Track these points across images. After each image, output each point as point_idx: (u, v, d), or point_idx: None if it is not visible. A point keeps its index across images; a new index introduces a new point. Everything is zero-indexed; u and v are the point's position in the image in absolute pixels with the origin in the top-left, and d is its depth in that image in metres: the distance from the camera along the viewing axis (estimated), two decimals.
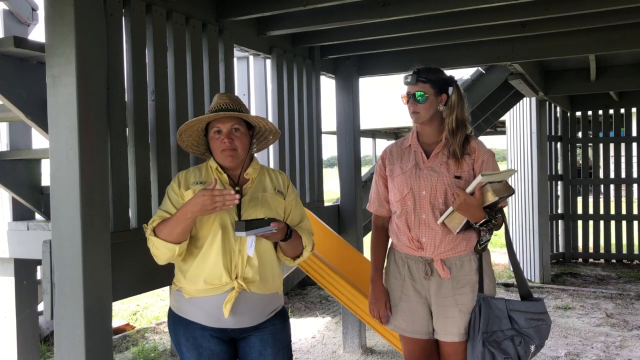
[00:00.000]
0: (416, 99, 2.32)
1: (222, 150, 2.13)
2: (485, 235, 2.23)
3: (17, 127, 2.96)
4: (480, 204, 2.16)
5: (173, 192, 2.16)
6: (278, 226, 2.03)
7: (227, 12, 3.18)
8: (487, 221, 2.19)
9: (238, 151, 2.15)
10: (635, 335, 4.89)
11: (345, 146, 4.60)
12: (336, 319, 5.54)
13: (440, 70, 2.40)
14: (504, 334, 2.21)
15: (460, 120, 2.32)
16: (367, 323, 3.12)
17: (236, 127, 2.15)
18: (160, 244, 2.04)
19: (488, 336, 2.20)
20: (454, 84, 2.36)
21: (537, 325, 2.25)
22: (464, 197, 2.15)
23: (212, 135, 2.17)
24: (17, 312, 3.01)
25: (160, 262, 2.13)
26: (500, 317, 2.22)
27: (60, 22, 2.14)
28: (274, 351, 2.19)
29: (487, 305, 2.23)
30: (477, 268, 2.29)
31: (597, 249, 8.33)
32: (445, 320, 2.29)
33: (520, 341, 2.21)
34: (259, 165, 2.28)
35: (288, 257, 2.25)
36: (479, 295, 2.26)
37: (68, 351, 2.18)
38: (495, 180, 2.17)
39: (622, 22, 3.52)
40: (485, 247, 2.29)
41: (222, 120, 2.15)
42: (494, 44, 4.29)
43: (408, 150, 2.44)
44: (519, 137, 7.63)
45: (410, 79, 2.35)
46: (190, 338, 2.13)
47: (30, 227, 2.82)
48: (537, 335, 2.25)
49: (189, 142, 2.26)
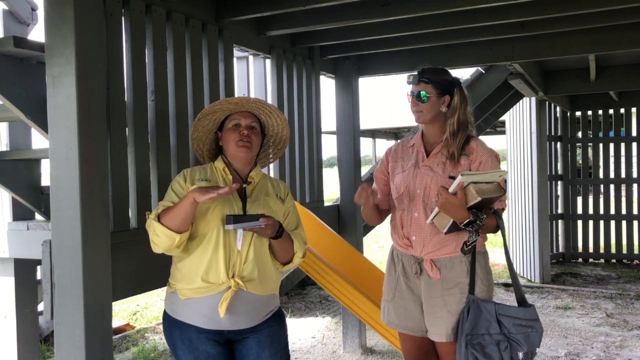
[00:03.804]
0: (419, 98, 2.32)
1: (239, 140, 2.16)
2: (472, 236, 2.19)
3: (17, 127, 2.96)
4: (463, 203, 2.13)
5: (178, 185, 2.16)
6: (267, 222, 2.05)
7: (226, 12, 3.19)
8: (471, 222, 2.15)
9: (253, 145, 2.20)
10: (635, 335, 4.89)
11: (345, 146, 4.60)
12: (336, 319, 5.54)
13: (446, 72, 2.39)
14: (492, 338, 2.17)
15: (462, 122, 2.31)
16: (367, 323, 3.12)
17: (254, 125, 2.23)
18: (161, 230, 2.04)
19: (472, 338, 2.17)
20: (458, 86, 2.35)
21: (526, 332, 2.19)
22: (446, 196, 2.13)
23: (229, 128, 2.20)
24: (17, 312, 3.01)
25: (157, 250, 2.11)
26: (490, 320, 2.19)
27: (60, 22, 2.14)
28: (271, 353, 2.19)
29: (476, 308, 2.20)
30: (468, 270, 2.26)
31: (597, 249, 8.32)
32: (435, 320, 2.29)
33: (506, 346, 2.16)
34: (261, 172, 2.33)
35: (278, 262, 2.25)
36: (468, 297, 2.23)
37: (68, 351, 2.18)
38: (480, 180, 2.13)
39: (622, 22, 3.52)
40: (472, 249, 2.24)
41: (242, 114, 2.21)
42: (493, 44, 4.29)
43: (412, 149, 2.45)
44: (518, 137, 7.63)
45: (412, 79, 2.35)
46: (186, 341, 2.12)
47: (30, 227, 2.81)
48: (526, 342, 2.19)
49: (200, 133, 2.27)
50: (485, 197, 2.09)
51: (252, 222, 2.04)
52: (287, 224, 2.28)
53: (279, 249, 2.20)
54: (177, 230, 2.03)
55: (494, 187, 2.14)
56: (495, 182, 2.15)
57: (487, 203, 2.15)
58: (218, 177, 2.21)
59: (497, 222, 2.25)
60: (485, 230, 2.27)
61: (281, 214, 2.25)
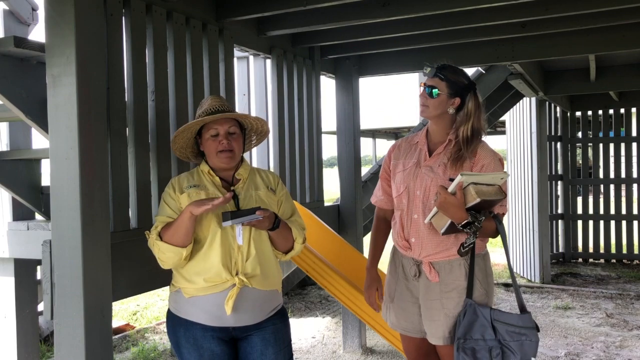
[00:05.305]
0: (430, 93, 2.28)
1: (220, 151, 2.16)
2: (469, 238, 2.14)
3: (17, 127, 2.96)
4: (461, 204, 2.08)
5: (170, 197, 2.19)
6: (264, 214, 2.06)
7: (227, 12, 3.18)
8: (469, 223, 2.09)
9: (235, 152, 2.19)
10: (635, 335, 4.89)
11: (345, 146, 4.60)
12: (336, 319, 5.54)
13: (464, 73, 2.33)
14: (486, 344, 2.14)
15: (475, 129, 2.26)
16: (367, 323, 3.11)
17: (232, 129, 2.20)
18: (166, 248, 2.07)
19: (464, 342, 2.15)
20: (473, 92, 2.29)
21: (520, 340, 2.14)
22: (445, 195, 2.09)
23: (208, 138, 2.20)
24: (17, 312, 3.01)
25: (166, 267, 2.15)
26: (485, 325, 2.16)
27: (60, 22, 2.13)
28: (275, 350, 2.20)
29: (472, 312, 2.18)
30: (467, 274, 2.24)
31: (597, 249, 8.32)
32: (432, 322, 2.28)
33: (498, 353, 2.12)
34: (249, 166, 2.32)
35: (280, 252, 2.26)
36: (466, 300, 2.21)
37: (68, 351, 2.17)
38: (481, 182, 2.08)
39: (622, 22, 3.52)
40: (469, 251, 2.19)
41: (219, 122, 2.18)
42: (494, 44, 4.29)
43: (415, 146, 2.41)
44: (519, 137, 7.63)
45: (429, 71, 2.30)
46: (190, 339, 2.13)
47: (30, 227, 2.81)
48: (520, 350, 2.13)
49: (180, 144, 2.28)
50: (484, 199, 2.05)
51: (249, 216, 2.04)
52: (281, 212, 2.28)
53: (278, 239, 2.21)
54: (182, 245, 2.06)
55: (494, 190, 2.09)
56: (496, 185, 2.11)
57: (486, 205, 2.11)
58: (205, 181, 2.22)
59: (496, 226, 2.19)
60: (484, 235, 2.21)
61: (274, 205, 2.26)
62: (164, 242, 2.07)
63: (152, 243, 2.12)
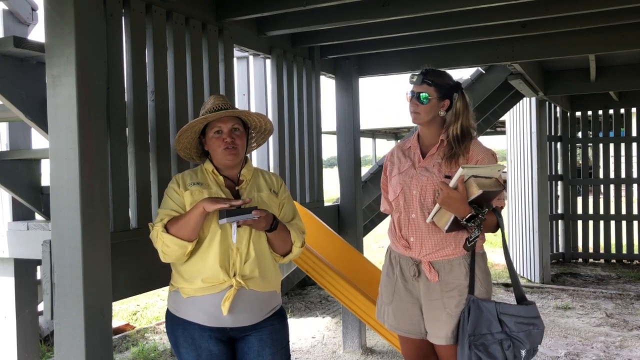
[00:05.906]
0: (419, 99, 2.31)
1: (224, 148, 2.16)
2: (474, 231, 2.17)
3: (17, 127, 2.96)
4: (464, 197, 2.11)
5: (174, 192, 2.19)
6: (260, 214, 2.05)
7: (227, 12, 3.18)
8: (473, 216, 2.13)
9: (239, 150, 2.19)
10: (635, 335, 4.89)
11: (345, 146, 4.60)
12: (336, 319, 5.54)
13: (448, 75, 2.37)
14: (494, 337, 2.16)
15: (465, 128, 2.30)
16: (367, 323, 3.11)
17: (236, 127, 2.21)
18: (171, 240, 2.06)
19: (475, 339, 2.16)
20: (460, 91, 2.33)
21: (528, 330, 2.19)
22: (447, 191, 2.12)
23: (212, 136, 2.20)
24: (17, 312, 3.01)
25: (166, 260, 2.14)
26: (491, 319, 2.18)
27: (60, 22, 2.14)
28: (272, 351, 2.20)
29: (476, 308, 2.20)
30: (467, 272, 2.25)
31: (597, 249, 8.32)
32: (434, 323, 2.28)
33: (509, 345, 2.15)
34: (253, 167, 2.32)
35: (278, 254, 2.26)
36: (468, 297, 2.22)
37: (68, 351, 2.18)
38: (481, 174, 2.12)
39: (622, 22, 3.52)
40: (475, 244, 2.22)
41: (223, 120, 2.19)
42: (494, 44, 4.29)
43: (408, 151, 2.45)
44: (518, 137, 7.63)
45: (416, 79, 2.33)
46: (188, 338, 2.13)
47: (30, 227, 2.81)
48: (528, 340, 2.19)
49: (184, 144, 2.28)
50: (486, 190, 2.09)
51: (245, 215, 2.04)
52: (282, 215, 2.28)
53: (276, 241, 2.21)
54: (188, 239, 2.07)
55: (493, 182, 2.14)
56: (493, 177, 2.15)
57: (486, 198, 2.15)
58: (209, 179, 2.22)
59: (497, 219, 2.24)
60: (486, 229, 2.25)
61: (276, 207, 2.26)
62: (170, 234, 2.06)
63: (155, 235, 2.11)
